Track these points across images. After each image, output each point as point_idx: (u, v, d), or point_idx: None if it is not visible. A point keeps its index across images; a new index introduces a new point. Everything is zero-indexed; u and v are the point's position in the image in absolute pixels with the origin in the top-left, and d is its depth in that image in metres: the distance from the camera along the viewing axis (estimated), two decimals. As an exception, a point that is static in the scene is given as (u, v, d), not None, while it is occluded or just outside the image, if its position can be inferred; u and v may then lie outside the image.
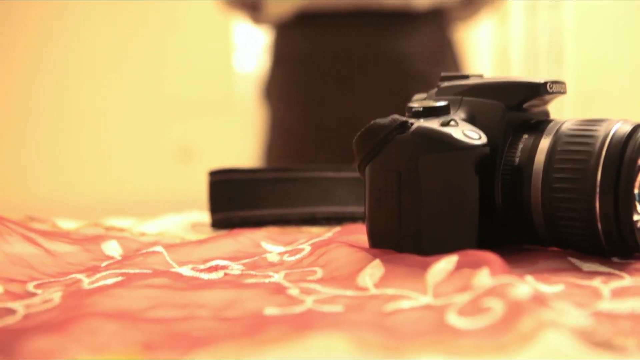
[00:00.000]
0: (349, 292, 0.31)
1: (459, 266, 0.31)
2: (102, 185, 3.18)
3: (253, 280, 0.34)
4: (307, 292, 0.31)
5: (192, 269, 0.36)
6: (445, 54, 1.00)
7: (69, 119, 3.20)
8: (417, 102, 0.37)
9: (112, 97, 3.24)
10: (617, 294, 0.30)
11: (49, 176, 3.16)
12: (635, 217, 0.34)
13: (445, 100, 0.37)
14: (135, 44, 3.25)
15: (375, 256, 0.34)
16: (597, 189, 0.33)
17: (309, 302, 0.29)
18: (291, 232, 0.47)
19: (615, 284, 0.31)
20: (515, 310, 0.24)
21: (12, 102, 3.17)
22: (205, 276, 0.35)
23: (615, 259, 0.36)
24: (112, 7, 3.20)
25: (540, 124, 0.37)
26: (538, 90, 0.36)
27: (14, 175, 3.15)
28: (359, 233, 0.41)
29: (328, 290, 0.31)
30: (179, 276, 0.35)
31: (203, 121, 3.28)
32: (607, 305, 0.28)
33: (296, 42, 0.97)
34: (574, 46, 2.97)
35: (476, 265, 0.30)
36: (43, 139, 3.18)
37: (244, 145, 3.53)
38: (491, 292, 0.27)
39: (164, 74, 3.27)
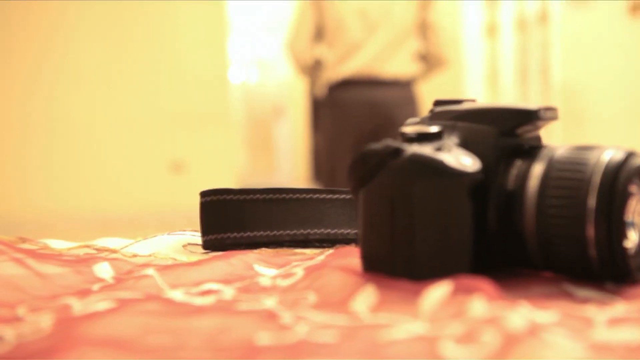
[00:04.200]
0: (343, 320, 0.31)
1: (453, 292, 0.31)
2: (95, 198, 3.17)
3: (245, 306, 0.33)
4: (299, 319, 0.31)
5: (184, 293, 0.36)
6: (414, 105, 2.16)
7: (63, 132, 3.19)
8: (410, 127, 0.37)
9: (107, 110, 3.23)
10: (613, 323, 0.30)
11: (41, 188, 3.15)
12: (627, 244, 0.34)
13: (438, 125, 0.37)
14: (129, 55, 3.25)
15: (368, 281, 0.34)
16: (590, 216, 0.34)
17: (301, 331, 0.29)
18: (284, 254, 0.47)
19: (610, 312, 0.31)
20: (512, 342, 0.24)
21: (7, 117, 3.16)
22: (198, 301, 0.35)
23: (608, 284, 0.36)
24: (106, 19, 3.20)
25: (533, 149, 0.37)
26: (531, 117, 0.36)
27: (7, 190, 3.13)
28: (352, 256, 0.41)
29: (321, 318, 0.31)
30: (171, 302, 0.34)
31: (197, 134, 3.27)
32: (603, 335, 0.28)
33: (340, 94, 2.14)
34: (561, 64, 2.99)
35: (470, 291, 0.30)
36: (37, 153, 3.17)
37: (236, 156, 3.52)
38: (486, 322, 0.27)
39: (158, 86, 3.27)
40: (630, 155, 0.35)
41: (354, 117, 2.12)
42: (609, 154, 0.34)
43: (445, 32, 2.21)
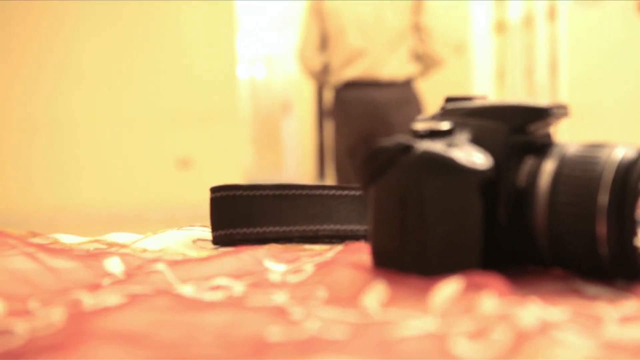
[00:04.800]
0: (353, 316, 0.31)
1: (463, 289, 0.31)
2: (103, 194, 3.18)
3: (255, 302, 0.34)
4: (310, 315, 0.31)
5: (194, 288, 0.36)
6: (412, 104, 2.34)
7: (71, 128, 3.20)
8: (422, 123, 0.37)
9: (115, 107, 3.23)
10: (624, 321, 0.30)
11: (50, 184, 3.16)
12: (638, 242, 0.34)
13: (449, 122, 0.37)
14: (138, 52, 3.25)
15: (379, 277, 0.34)
16: (601, 213, 0.33)
17: (312, 327, 0.29)
18: (293, 249, 0.47)
19: (621, 309, 0.31)
20: (522, 340, 0.24)
21: (14, 114, 3.17)
22: (208, 296, 0.35)
23: (619, 282, 0.35)
24: (113, 17, 3.20)
25: (544, 146, 0.37)
26: (542, 114, 0.36)
27: (16, 185, 3.14)
28: (362, 252, 0.41)
29: (331, 314, 0.31)
30: (181, 297, 0.34)
31: (205, 130, 3.27)
32: (614, 333, 0.28)
33: (344, 95, 2.36)
34: (569, 61, 2.98)
35: (481, 287, 0.30)
36: (46, 149, 3.17)
37: (244, 153, 3.52)
38: (497, 319, 0.27)
39: (167, 83, 3.27)
40: (642, 153, 0.34)
41: (355, 118, 2.33)
42: (621, 152, 0.34)
43: (438, 33, 2.38)
